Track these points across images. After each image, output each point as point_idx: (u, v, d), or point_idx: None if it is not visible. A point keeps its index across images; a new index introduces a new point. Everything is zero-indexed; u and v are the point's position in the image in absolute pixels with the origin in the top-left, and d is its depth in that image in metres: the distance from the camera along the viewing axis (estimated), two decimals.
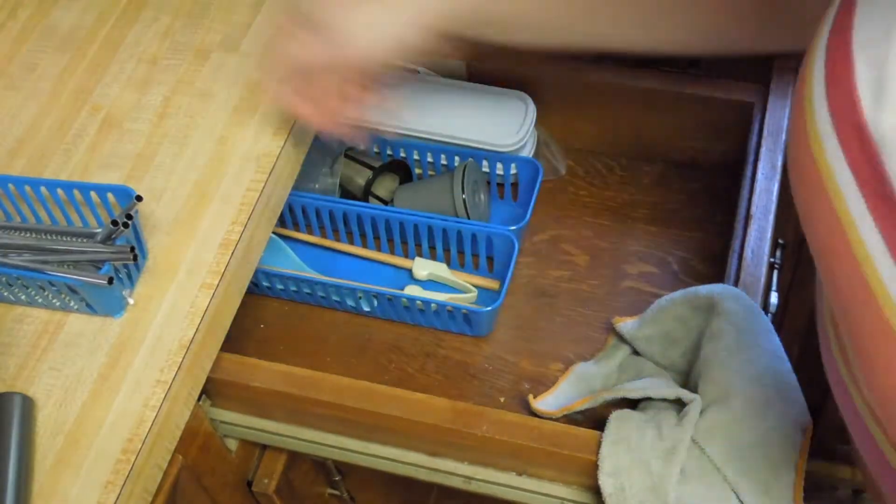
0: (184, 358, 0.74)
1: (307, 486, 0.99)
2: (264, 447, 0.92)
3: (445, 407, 0.77)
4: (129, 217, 0.75)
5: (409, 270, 0.98)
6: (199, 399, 0.78)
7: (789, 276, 1.23)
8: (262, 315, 0.97)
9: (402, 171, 1.04)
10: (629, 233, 1.00)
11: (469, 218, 0.96)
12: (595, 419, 0.86)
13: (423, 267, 0.97)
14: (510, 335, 0.94)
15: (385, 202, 1.02)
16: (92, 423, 0.71)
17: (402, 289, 0.96)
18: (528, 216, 0.95)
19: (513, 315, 0.95)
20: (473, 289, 0.95)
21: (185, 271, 0.79)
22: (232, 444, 0.88)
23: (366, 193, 1.01)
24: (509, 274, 0.91)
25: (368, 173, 1.01)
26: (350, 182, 1.02)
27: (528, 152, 1.02)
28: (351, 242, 1.02)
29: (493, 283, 0.96)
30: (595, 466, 0.73)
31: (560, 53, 0.78)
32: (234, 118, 0.89)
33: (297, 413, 0.83)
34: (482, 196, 1.00)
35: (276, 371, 0.81)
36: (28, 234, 0.80)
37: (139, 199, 0.76)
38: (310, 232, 1.02)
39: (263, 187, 0.84)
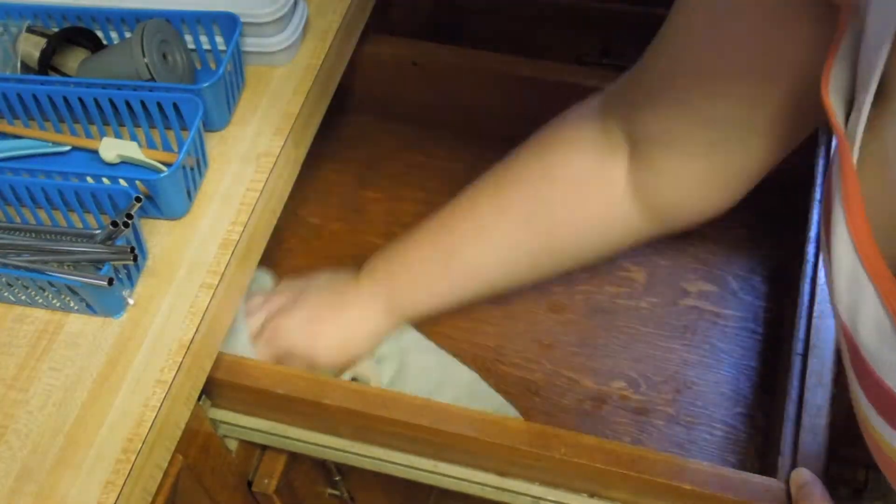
0: (184, 358, 0.74)
1: (307, 486, 0.99)
2: (264, 447, 0.92)
3: (522, 428, 0.76)
4: (129, 217, 0.75)
5: (98, 154, 0.86)
6: (199, 399, 0.78)
7: None
8: None
9: (92, 42, 0.93)
10: (687, 249, 0.99)
11: (156, 81, 0.86)
12: (669, 441, 0.87)
13: (112, 148, 0.85)
14: (571, 351, 0.93)
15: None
16: (92, 423, 0.71)
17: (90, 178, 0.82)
18: (219, 73, 0.85)
19: (572, 331, 0.94)
20: (165, 169, 0.82)
21: (185, 271, 0.79)
22: (232, 444, 0.88)
23: (43, 65, 0.89)
24: (187, 143, 0.80)
25: (44, 43, 0.89)
26: (30, 58, 0.90)
27: (296, 26, 0.93)
28: (35, 128, 0.90)
29: (192, 161, 0.83)
30: (673, 490, 0.72)
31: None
32: (235, 118, 0.89)
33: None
34: (177, 57, 0.89)
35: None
36: (28, 235, 0.80)
37: (139, 199, 0.76)
38: None
39: (263, 187, 0.84)
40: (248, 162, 0.86)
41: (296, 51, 0.94)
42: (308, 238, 1.05)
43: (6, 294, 0.78)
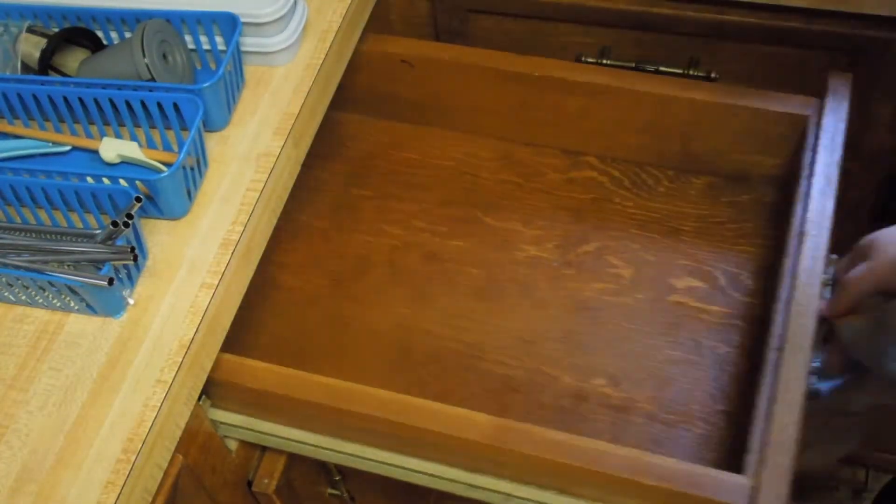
0: (184, 358, 0.74)
1: (307, 486, 0.99)
2: (264, 447, 0.92)
3: (488, 423, 0.76)
4: (130, 217, 0.75)
5: (98, 154, 0.87)
6: (199, 399, 0.78)
7: None
8: (302, 324, 0.97)
9: (92, 42, 0.93)
10: (676, 246, 0.98)
11: (156, 81, 0.86)
12: (648, 438, 0.86)
13: (112, 148, 0.86)
14: (552, 348, 0.92)
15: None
16: (92, 423, 0.71)
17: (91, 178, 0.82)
18: (219, 73, 0.85)
19: (555, 327, 0.94)
20: (166, 169, 0.82)
21: (185, 271, 0.79)
22: (232, 444, 0.88)
23: (43, 65, 0.90)
24: (187, 143, 0.80)
25: (45, 43, 0.89)
26: (30, 58, 0.90)
27: (296, 26, 0.93)
28: (35, 128, 0.90)
29: (192, 161, 0.84)
30: (636, 486, 0.72)
31: None
32: (235, 118, 0.90)
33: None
34: (177, 57, 0.90)
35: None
36: (28, 235, 0.80)
37: (139, 199, 0.76)
38: None
39: (263, 187, 0.84)
40: (248, 162, 0.86)
41: (296, 51, 0.94)
42: (303, 236, 1.05)
43: (6, 294, 0.78)
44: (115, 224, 0.75)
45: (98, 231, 0.78)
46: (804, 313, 0.79)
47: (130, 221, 0.75)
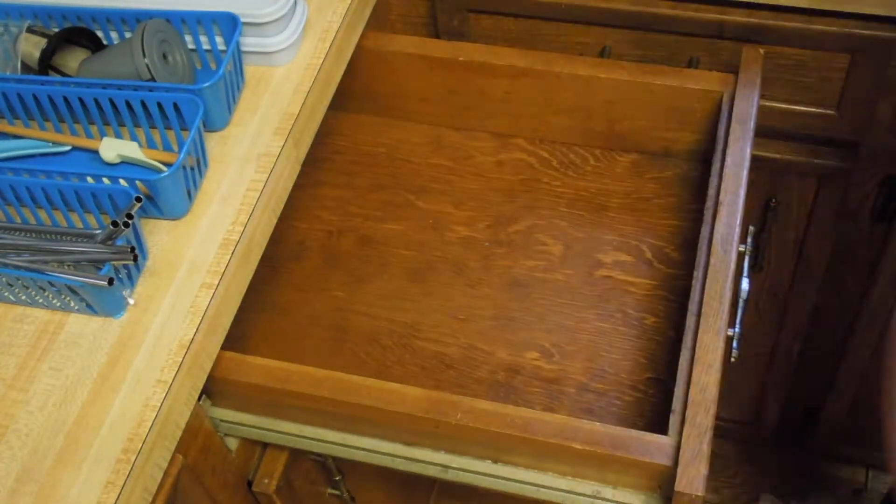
0: (184, 358, 0.74)
1: (307, 485, 0.99)
2: (265, 447, 0.92)
3: (420, 396, 0.77)
4: (130, 217, 0.75)
5: (98, 154, 0.87)
6: (199, 398, 0.78)
7: (790, 275, 1.24)
8: (240, 310, 0.97)
9: (92, 42, 0.93)
10: (603, 222, 1.01)
11: (156, 81, 0.86)
12: (580, 407, 0.87)
13: (112, 148, 0.86)
14: (486, 325, 0.94)
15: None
16: (92, 423, 0.71)
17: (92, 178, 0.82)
18: (219, 73, 0.85)
19: (488, 305, 0.95)
20: (166, 169, 0.82)
21: (185, 271, 0.79)
22: (232, 444, 0.88)
23: (43, 65, 0.90)
24: (187, 143, 0.80)
25: (45, 43, 0.89)
26: (30, 58, 0.90)
27: (296, 26, 0.93)
28: (35, 128, 0.90)
29: (192, 161, 0.84)
30: (565, 450, 0.73)
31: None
32: (235, 118, 0.90)
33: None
34: (177, 57, 0.90)
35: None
36: (28, 235, 0.80)
37: (139, 199, 0.76)
38: None
39: (263, 187, 0.84)
40: (248, 162, 0.86)
41: (296, 51, 0.94)
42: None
43: (6, 294, 0.78)
44: (115, 224, 0.75)
45: (98, 231, 0.78)
46: (720, 278, 0.82)
47: (130, 221, 0.75)
